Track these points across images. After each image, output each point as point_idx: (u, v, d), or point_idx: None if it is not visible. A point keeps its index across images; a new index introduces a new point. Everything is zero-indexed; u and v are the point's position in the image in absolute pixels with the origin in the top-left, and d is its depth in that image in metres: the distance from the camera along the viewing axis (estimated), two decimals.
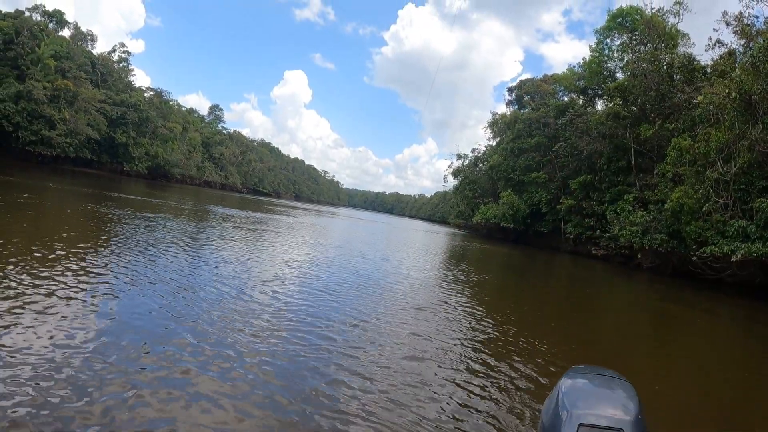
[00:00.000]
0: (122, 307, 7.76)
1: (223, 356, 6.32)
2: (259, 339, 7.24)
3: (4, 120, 59.78)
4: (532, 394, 6.53)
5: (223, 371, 5.86)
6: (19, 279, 8.09)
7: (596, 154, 44.96)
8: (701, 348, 12.53)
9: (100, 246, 12.68)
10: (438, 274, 20.18)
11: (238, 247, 17.60)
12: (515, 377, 7.20)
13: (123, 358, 5.73)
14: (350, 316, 9.59)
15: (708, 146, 27.53)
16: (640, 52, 41.20)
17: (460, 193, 78.93)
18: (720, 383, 9.08)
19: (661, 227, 31.93)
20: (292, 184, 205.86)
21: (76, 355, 5.57)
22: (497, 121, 71.33)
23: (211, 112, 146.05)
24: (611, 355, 10.09)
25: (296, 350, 6.99)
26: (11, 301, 6.92)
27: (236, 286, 10.60)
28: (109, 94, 79.58)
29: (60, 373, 5.06)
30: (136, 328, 6.84)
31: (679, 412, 7.02)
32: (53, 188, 30.74)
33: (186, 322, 7.48)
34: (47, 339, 5.87)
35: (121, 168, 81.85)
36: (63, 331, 6.20)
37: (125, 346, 6.09)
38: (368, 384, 6.18)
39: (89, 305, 7.52)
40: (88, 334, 6.28)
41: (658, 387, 7.77)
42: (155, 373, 5.49)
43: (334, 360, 6.87)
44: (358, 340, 8.08)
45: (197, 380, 5.51)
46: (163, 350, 6.18)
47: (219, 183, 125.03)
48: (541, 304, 16.43)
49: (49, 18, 76.21)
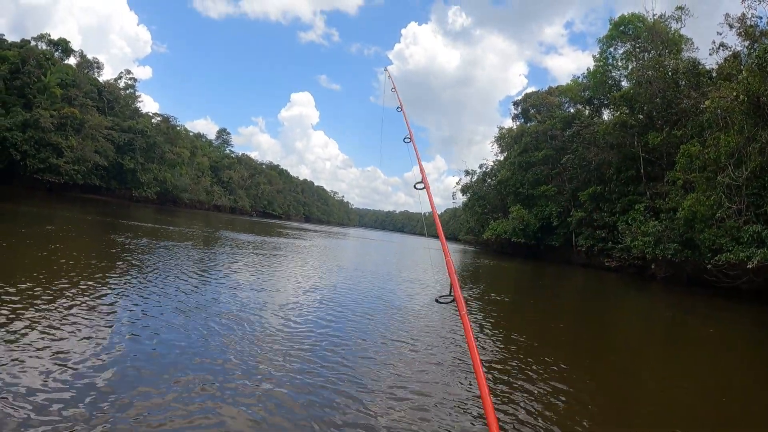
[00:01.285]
0: (147, 331, 7.82)
1: (248, 383, 6.22)
2: (284, 368, 6.99)
3: (12, 148, 60.27)
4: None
5: (247, 397, 5.79)
6: (54, 307, 8.32)
7: (605, 165, 44.37)
8: (725, 361, 11.91)
9: (128, 275, 12.67)
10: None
11: (253, 273, 17.20)
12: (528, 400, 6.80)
13: (148, 383, 5.76)
14: (369, 339, 9.41)
15: (718, 151, 26.99)
16: (644, 60, 40.80)
17: (470, 210, 78.41)
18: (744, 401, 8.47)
19: (673, 236, 31.22)
20: (301, 205, 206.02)
21: (100, 380, 5.63)
22: (504, 136, 70.90)
23: (218, 136, 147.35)
24: (627, 374, 9.53)
25: (320, 379, 6.72)
26: (48, 329, 7.12)
27: (255, 313, 10.31)
28: (116, 120, 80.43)
29: (80, 401, 5.08)
30: (161, 354, 6.85)
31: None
32: (71, 217, 30.71)
33: (207, 349, 7.45)
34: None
35: (130, 194, 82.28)
36: (80, 358, 6.23)
37: (149, 372, 6.11)
38: (390, 403, 6.17)
39: (111, 332, 7.59)
40: (112, 358, 6.39)
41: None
42: (179, 400, 5.43)
43: (354, 381, 6.80)
44: (377, 365, 7.81)
45: (221, 409, 5.39)
46: (184, 376, 6.13)
47: (228, 207, 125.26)
48: (554, 320, 15.81)
49: (54, 47, 77.32)
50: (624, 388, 8.33)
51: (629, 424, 6.52)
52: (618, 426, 6.39)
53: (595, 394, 7.53)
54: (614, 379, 8.93)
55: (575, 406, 6.70)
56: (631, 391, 8.11)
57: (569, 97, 59.32)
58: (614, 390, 8.22)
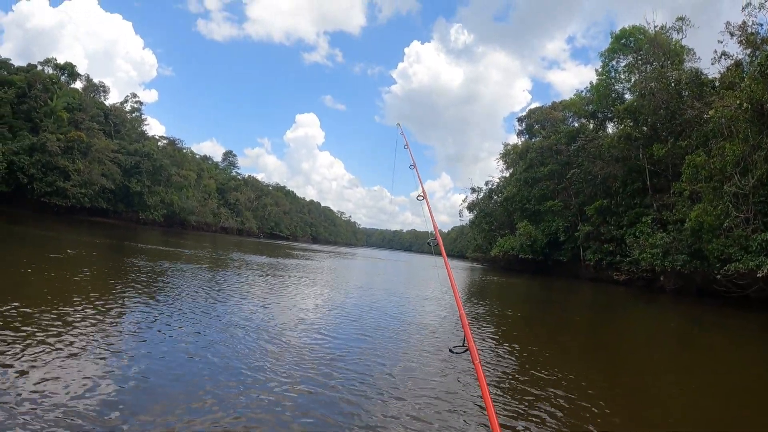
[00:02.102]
0: (163, 353, 7.83)
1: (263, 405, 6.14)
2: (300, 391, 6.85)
3: (20, 172, 60.55)
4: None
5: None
6: (78, 328, 8.47)
7: (611, 178, 44.18)
8: (736, 370, 11.65)
9: (156, 297, 13.00)
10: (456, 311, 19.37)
11: (266, 294, 17.12)
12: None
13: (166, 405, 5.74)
14: (382, 358, 9.33)
15: (723, 160, 26.81)
16: (646, 72, 40.82)
17: (477, 227, 78.24)
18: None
19: (681, 247, 30.92)
20: (308, 226, 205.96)
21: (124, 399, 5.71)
22: (509, 152, 70.91)
23: (225, 158, 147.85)
24: (639, 387, 9.29)
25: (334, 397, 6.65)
26: (71, 348, 7.23)
27: (274, 335, 10.25)
28: (122, 143, 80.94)
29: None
30: (177, 376, 6.83)
31: None
32: (86, 242, 30.69)
33: (222, 369, 7.40)
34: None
35: (137, 217, 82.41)
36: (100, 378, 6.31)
37: (168, 393, 6.15)
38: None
39: (130, 350, 7.73)
40: (132, 374, 6.55)
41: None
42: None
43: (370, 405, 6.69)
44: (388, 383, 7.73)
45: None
46: (203, 397, 6.14)
47: (236, 228, 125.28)
48: (563, 334, 15.56)
49: (60, 71, 78.05)
50: (636, 401, 8.16)
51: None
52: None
53: (607, 407, 7.34)
54: (626, 390, 8.78)
55: (587, 418, 6.53)
56: (644, 405, 7.91)
57: (573, 112, 59.36)
58: (627, 402, 8.06)
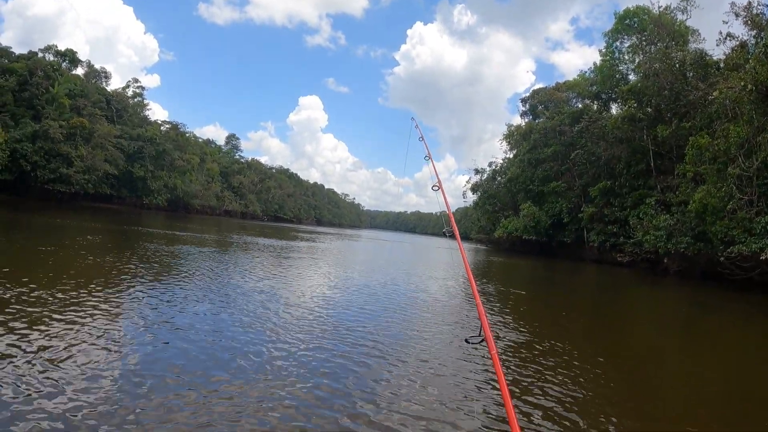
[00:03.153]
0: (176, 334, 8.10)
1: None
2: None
3: (22, 159, 60.78)
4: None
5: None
6: (98, 306, 9.15)
7: (614, 159, 44.09)
8: (739, 353, 11.78)
9: (176, 278, 13.86)
10: (467, 291, 19.62)
11: (278, 275, 17.81)
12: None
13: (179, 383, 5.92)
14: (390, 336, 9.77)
15: (727, 142, 26.72)
16: (650, 52, 40.42)
17: (480, 208, 78.13)
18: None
19: (685, 230, 30.97)
20: (312, 209, 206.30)
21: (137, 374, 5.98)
22: (513, 133, 70.62)
23: (228, 141, 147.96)
24: (645, 370, 9.41)
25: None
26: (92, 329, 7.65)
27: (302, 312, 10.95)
28: (125, 129, 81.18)
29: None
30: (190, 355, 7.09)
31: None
32: (95, 228, 31.40)
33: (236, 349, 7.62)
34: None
35: (141, 202, 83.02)
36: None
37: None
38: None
39: (147, 330, 8.05)
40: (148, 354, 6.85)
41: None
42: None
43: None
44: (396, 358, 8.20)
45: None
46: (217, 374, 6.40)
47: (239, 212, 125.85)
48: (568, 315, 15.68)
49: (62, 58, 77.93)
50: (642, 383, 8.23)
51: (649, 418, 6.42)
52: (638, 420, 6.28)
53: (613, 387, 7.44)
54: (632, 373, 8.85)
55: (592, 399, 6.63)
56: (649, 386, 7.99)
57: (577, 93, 59.06)
58: (632, 383, 8.14)
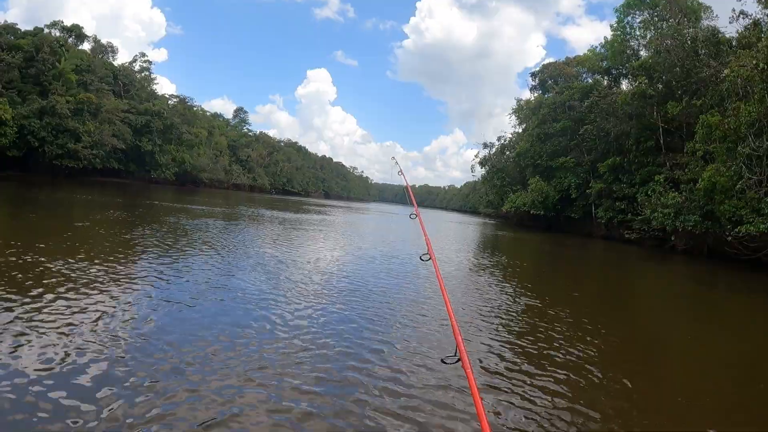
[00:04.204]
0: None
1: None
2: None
3: (30, 136, 60.77)
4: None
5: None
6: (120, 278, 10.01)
7: (624, 136, 43.94)
8: (747, 333, 12.02)
9: (203, 249, 15.52)
10: (475, 265, 20.02)
11: (287, 245, 19.63)
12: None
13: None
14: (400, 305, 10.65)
15: (738, 121, 26.60)
16: (662, 28, 39.97)
17: (489, 183, 78.09)
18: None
19: (693, 208, 31.03)
20: (321, 182, 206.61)
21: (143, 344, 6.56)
22: (522, 108, 70.25)
23: (236, 115, 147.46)
24: (652, 348, 9.67)
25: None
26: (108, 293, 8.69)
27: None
28: (132, 103, 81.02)
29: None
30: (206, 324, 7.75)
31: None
32: (109, 202, 32.88)
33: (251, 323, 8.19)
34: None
35: (149, 176, 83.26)
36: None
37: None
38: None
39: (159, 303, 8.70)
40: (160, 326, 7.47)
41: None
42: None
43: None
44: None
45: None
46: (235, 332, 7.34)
47: (247, 185, 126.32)
48: (576, 291, 15.96)
49: (68, 33, 77.25)
50: (649, 362, 8.30)
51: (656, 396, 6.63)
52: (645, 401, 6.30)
53: (620, 366, 7.33)
54: (639, 352, 9.02)
55: (597, 381, 6.53)
56: (656, 365, 8.08)
57: (587, 68, 58.46)
58: (639, 364, 8.09)
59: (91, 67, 75.48)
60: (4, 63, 61.64)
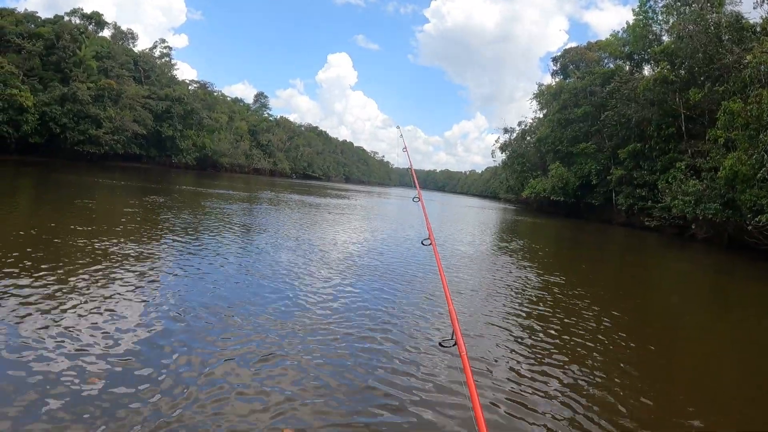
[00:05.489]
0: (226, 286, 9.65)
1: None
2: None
3: (52, 122, 61.57)
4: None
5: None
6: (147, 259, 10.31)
7: (645, 122, 43.45)
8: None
9: (206, 229, 17.37)
10: (494, 248, 20.34)
11: (311, 227, 21.78)
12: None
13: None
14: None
15: (760, 108, 26.24)
16: (685, 14, 39.34)
17: (509, 168, 77.86)
18: None
19: (714, 196, 30.78)
20: (341, 166, 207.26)
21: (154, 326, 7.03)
22: (543, 93, 69.80)
23: (256, 100, 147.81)
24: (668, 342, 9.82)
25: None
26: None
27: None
28: (152, 89, 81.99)
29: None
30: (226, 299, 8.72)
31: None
32: (138, 187, 34.59)
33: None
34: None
35: (170, 161, 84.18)
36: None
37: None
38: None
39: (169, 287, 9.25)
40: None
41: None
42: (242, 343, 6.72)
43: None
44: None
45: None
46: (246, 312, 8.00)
47: (268, 170, 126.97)
48: (595, 279, 16.11)
49: (88, 20, 78.07)
50: (665, 355, 8.21)
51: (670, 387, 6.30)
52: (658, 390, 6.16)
53: (635, 356, 7.39)
54: (654, 344, 8.84)
55: (616, 365, 6.54)
56: (672, 357, 8.14)
57: (609, 53, 57.74)
58: (655, 354, 8.08)
59: (111, 53, 76.38)
60: (26, 51, 62.61)
